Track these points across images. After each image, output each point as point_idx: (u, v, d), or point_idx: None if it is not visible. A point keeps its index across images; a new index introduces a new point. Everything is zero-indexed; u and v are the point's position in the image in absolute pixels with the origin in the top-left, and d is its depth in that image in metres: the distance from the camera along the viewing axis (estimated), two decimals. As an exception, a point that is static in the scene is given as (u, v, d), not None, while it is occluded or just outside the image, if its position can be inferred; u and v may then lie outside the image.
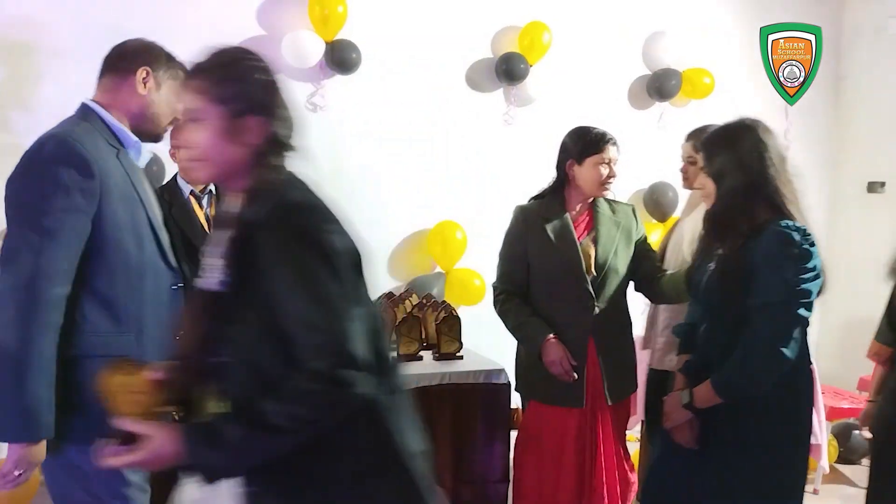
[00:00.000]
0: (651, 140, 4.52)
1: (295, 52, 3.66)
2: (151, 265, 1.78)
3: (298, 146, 1.36)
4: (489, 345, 2.65)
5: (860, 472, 3.52)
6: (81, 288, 1.65)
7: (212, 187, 3.06)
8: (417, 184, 4.01)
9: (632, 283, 2.45)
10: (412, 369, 2.43)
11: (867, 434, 2.37)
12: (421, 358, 2.54)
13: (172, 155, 3.03)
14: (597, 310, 2.34)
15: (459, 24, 4.07)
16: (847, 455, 3.68)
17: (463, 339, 2.59)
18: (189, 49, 4.05)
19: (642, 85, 4.50)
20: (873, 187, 4.75)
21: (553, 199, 2.43)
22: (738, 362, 1.75)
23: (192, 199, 3.00)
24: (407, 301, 2.88)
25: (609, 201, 2.47)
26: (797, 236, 1.72)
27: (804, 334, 1.81)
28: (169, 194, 2.98)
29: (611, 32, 4.39)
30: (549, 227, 2.37)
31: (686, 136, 2.85)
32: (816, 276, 1.75)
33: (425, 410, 2.32)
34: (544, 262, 2.38)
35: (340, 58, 3.76)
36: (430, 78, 4.03)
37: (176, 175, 3.05)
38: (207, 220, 3.02)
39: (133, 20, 3.45)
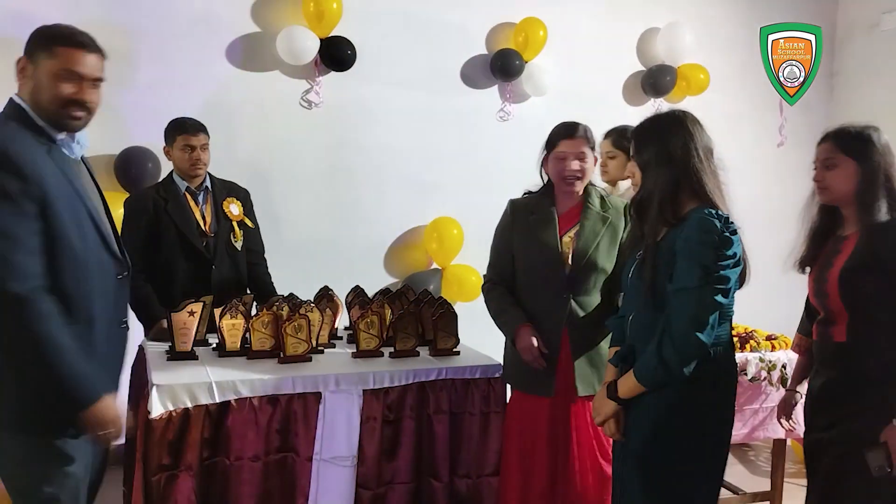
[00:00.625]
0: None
1: (289, 48, 3.65)
2: (95, 256, 1.77)
3: None
4: (485, 340, 2.67)
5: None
6: None
7: (208, 184, 3.06)
8: (413, 180, 4.02)
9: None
10: (409, 364, 2.42)
11: (786, 424, 2.40)
12: (418, 353, 2.53)
13: (167, 153, 3.03)
14: (573, 302, 2.35)
15: (454, 20, 4.07)
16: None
17: (459, 335, 2.60)
18: (182, 45, 4.06)
19: (637, 80, 4.51)
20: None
21: (543, 194, 2.45)
22: (655, 348, 1.77)
23: (188, 196, 2.99)
24: (404, 297, 2.88)
25: (604, 196, 2.47)
26: (718, 223, 1.74)
27: (727, 321, 1.83)
28: (165, 191, 2.98)
29: (605, 28, 4.40)
30: (533, 220, 2.40)
31: (605, 134, 2.97)
32: (737, 264, 1.76)
33: (422, 405, 2.36)
34: (526, 253, 2.41)
35: (335, 54, 3.75)
36: (425, 74, 4.04)
37: (172, 172, 3.04)
38: (203, 217, 3.01)
39: (124, 15, 3.45)
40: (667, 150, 1.84)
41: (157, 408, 2.07)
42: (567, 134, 2.36)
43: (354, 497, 2.29)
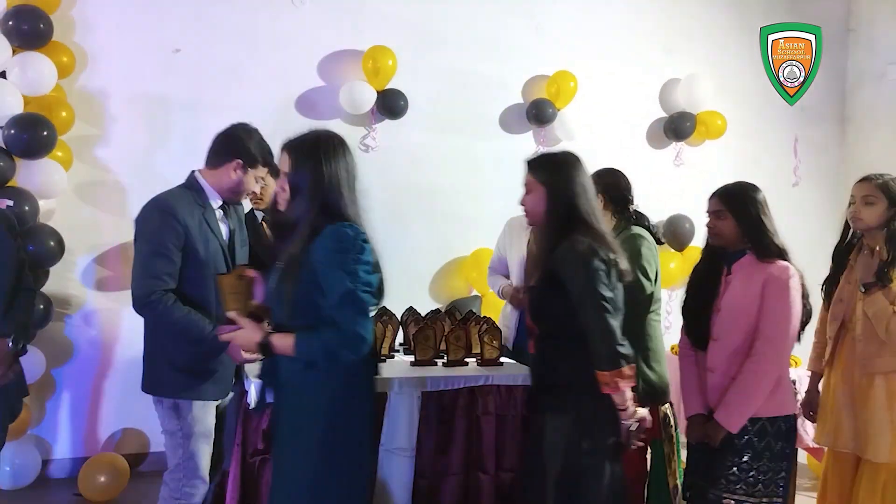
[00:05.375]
0: (668, 176, 4.91)
1: (350, 99, 4.15)
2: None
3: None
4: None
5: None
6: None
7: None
8: (456, 215, 4.44)
9: None
10: (460, 372, 2.79)
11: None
12: (467, 363, 2.91)
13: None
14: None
15: (494, 73, 4.53)
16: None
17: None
18: (256, 101, 4.56)
19: (660, 126, 4.91)
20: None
21: None
22: (323, 345, 1.90)
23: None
24: (452, 316, 3.27)
25: None
26: (351, 233, 1.90)
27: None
28: None
29: (630, 79, 4.82)
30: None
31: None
32: (375, 270, 1.96)
33: (472, 407, 2.72)
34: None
35: (390, 105, 4.24)
36: (468, 121, 4.49)
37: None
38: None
39: (206, 77, 3.96)
40: (314, 174, 1.95)
41: (255, 400, 2.48)
42: None
43: (413, 483, 2.64)
